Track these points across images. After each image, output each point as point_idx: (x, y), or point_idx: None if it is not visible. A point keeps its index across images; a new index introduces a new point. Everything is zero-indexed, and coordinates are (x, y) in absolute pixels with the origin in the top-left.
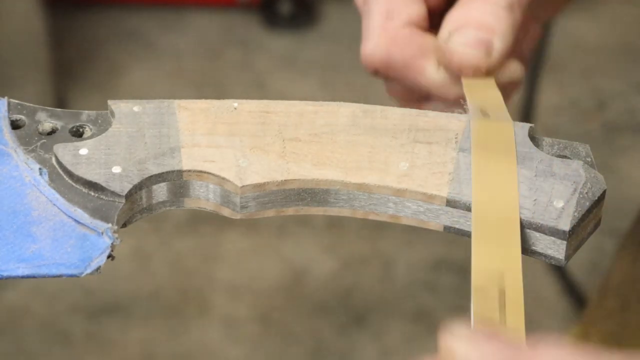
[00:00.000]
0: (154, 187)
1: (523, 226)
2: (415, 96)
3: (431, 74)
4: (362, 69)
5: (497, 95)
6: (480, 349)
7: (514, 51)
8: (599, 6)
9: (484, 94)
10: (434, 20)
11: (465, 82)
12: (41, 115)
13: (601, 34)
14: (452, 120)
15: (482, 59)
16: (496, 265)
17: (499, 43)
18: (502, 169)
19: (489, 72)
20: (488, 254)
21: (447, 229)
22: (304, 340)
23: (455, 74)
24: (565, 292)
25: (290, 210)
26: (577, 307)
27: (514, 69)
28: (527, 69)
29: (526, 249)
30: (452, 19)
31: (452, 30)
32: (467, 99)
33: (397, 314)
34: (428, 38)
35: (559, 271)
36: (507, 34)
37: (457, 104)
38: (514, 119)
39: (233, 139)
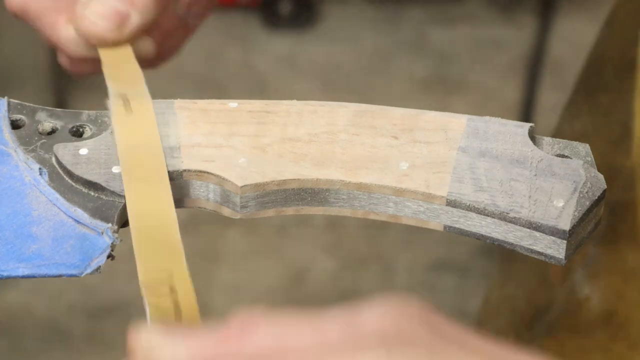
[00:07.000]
0: None
1: (522, 225)
2: (87, 66)
3: (61, 32)
4: (362, 69)
5: (135, 69)
6: (184, 343)
7: (158, 24)
8: (599, 6)
9: (121, 69)
10: None
11: (102, 51)
12: (41, 115)
13: None
14: (452, 120)
15: (111, 32)
16: (163, 265)
17: (137, 18)
18: (151, 173)
19: (116, 44)
20: (153, 256)
21: (447, 228)
22: None
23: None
24: None
25: (290, 210)
26: None
27: (145, 46)
28: (187, 36)
29: (526, 249)
30: None
31: None
32: (106, 75)
33: None
34: None
35: None
36: (147, 10)
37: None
38: (514, 119)
39: (233, 139)
